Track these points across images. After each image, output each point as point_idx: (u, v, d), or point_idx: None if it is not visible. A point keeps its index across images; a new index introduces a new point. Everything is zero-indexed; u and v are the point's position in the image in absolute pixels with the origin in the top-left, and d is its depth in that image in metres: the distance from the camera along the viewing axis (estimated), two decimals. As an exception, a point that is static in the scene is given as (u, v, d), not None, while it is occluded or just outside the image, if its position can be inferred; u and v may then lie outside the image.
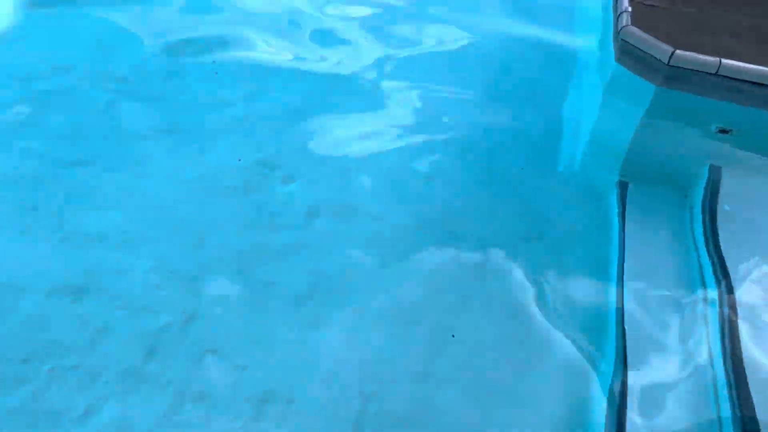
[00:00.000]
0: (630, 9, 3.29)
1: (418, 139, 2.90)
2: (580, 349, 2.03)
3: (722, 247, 2.30)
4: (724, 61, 2.86)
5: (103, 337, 1.88)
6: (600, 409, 1.86)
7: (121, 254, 2.16)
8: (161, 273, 2.13)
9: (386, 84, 3.23)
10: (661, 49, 2.97)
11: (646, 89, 3.03)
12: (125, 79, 3.01)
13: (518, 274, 2.29)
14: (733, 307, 2.09)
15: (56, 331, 1.88)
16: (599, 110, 3.35)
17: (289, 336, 1.97)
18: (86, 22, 3.41)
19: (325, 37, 3.54)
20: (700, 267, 2.30)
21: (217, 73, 3.12)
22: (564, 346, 2.04)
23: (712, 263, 2.27)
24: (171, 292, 2.07)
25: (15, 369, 1.77)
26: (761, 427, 1.74)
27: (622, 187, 2.69)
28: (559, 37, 3.81)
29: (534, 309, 2.15)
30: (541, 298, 2.19)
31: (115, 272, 2.09)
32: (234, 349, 1.91)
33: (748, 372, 1.88)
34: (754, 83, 2.87)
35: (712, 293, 2.16)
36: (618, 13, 3.35)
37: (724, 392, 1.86)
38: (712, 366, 1.96)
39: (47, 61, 3.04)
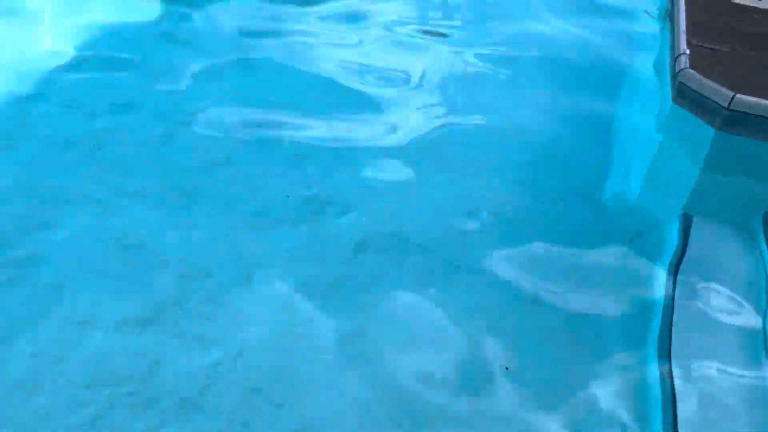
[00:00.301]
0: (688, 51, 3.25)
1: (468, 170, 2.89)
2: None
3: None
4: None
5: (159, 367, 1.92)
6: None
7: (178, 284, 2.20)
8: (212, 305, 2.15)
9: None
10: (721, 93, 2.92)
11: (704, 132, 2.98)
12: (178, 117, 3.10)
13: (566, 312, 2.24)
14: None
15: (119, 361, 1.93)
16: (656, 150, 3.29)
17: (331, 375, 1.98)
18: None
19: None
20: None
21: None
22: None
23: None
24: (222, 323, 2.10)
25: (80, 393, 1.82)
26: None
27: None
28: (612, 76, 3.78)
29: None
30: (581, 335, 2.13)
31: (174, 304, 2.13)
32: (275, 384, 1.90)
33: None
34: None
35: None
36: (676, 54, 3.31)
37: None
38: None
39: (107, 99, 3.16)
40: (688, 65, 3.13)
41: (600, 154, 3.05)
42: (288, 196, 2.61)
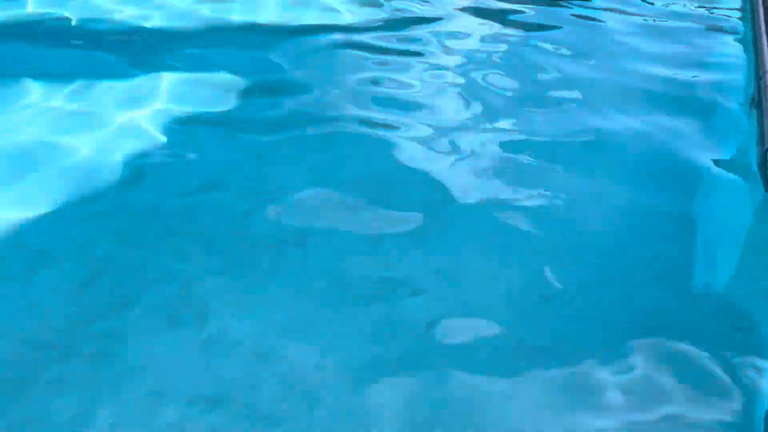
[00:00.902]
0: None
1: (544, 258, 2.82)
2: None
3: None
4: None
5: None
6: None
7: (250, 364, 2.21)
8: (285, 385, 2.14)
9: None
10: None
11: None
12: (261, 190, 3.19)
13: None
14: None
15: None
16: (747, 241, 3.12)
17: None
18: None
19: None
20: None
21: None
22: None
23: None
24: (292, 404, 2.08)
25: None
26: None
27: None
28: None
29: None
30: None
31: (247, 383, 2.13)
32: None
33: None
34: None
35: None
36: (767, 146, 3.21)
37: None
38: None
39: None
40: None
41: (684, 247, 2.93)
42: (364, 276, 2.63)
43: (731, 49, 5.54)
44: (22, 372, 2.11)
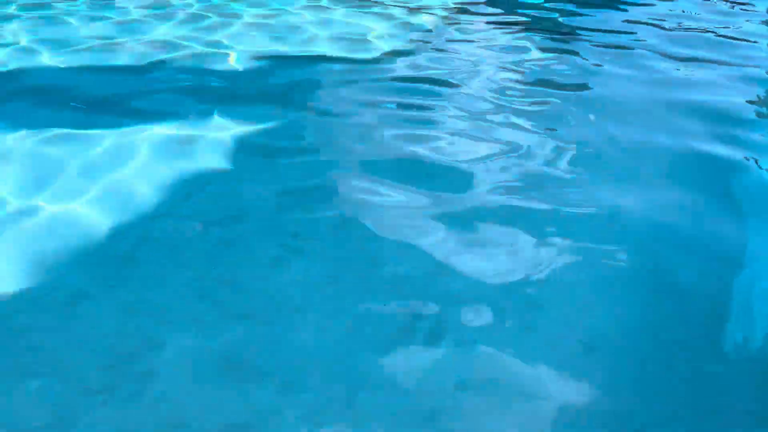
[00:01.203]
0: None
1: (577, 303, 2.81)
2: None
3: None
4: None
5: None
6: None
7: (275, 401, 2.24)
8: (310, 424, 2.17)
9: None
10: None
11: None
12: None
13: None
14: None
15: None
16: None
17: None
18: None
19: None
20: None
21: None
22: None
23: None
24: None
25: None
26: None
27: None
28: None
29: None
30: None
31: (272, 414, 2.16)
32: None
33: None
34: None
35: None
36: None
37: None
38: None
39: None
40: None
41: (720, 302, 2.87)
42: (392, 315, 2.66)
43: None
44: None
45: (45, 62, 5.17)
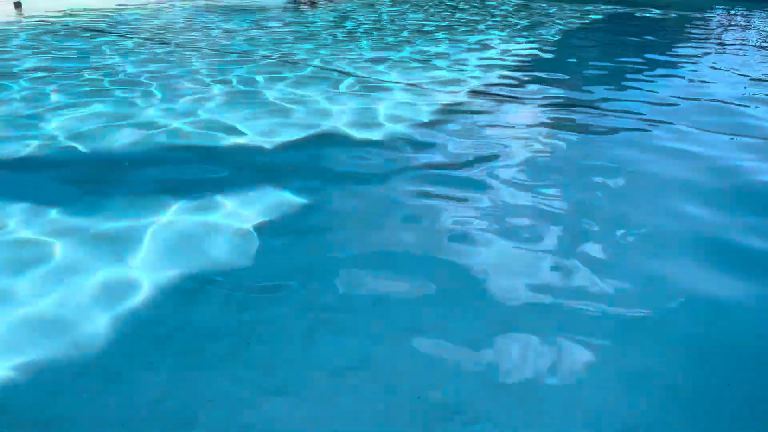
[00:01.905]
0: None
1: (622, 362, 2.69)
2: None
3: None
4: None
5: None
6: None
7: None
8: None
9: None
10: None
11: None
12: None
13: None
14: None
15: None
16: None
17: None
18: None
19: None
20: None
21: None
22: None
23: None
24: None
25: None
26: None
27: None
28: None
29: None
30: None
31: None
32: None
33: None
34: None
35: None
36: None
37: None
38: None
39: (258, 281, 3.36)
40: None
41: None
42: (419, 398, 2.59)
43: None
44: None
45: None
